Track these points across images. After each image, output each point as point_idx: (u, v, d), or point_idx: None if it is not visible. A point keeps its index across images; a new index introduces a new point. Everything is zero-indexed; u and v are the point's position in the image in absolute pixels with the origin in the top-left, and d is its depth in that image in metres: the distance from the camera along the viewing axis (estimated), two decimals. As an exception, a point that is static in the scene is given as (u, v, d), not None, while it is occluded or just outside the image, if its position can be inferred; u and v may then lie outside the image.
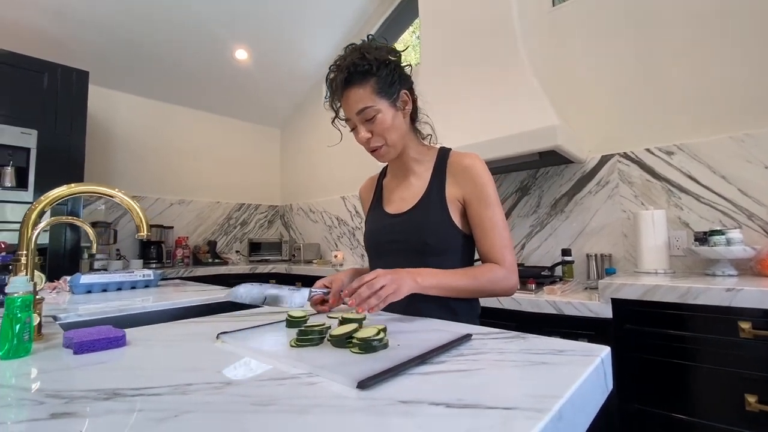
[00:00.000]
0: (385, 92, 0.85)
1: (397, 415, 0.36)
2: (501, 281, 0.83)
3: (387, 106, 0.85)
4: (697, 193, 1.64)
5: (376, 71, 0.83)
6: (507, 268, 0.84)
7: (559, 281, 1.81)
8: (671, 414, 1.22)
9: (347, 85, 0.84)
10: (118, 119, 3.06)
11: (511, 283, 0.84)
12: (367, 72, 0.83)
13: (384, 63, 0.85)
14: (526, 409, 0.36)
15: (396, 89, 0.87)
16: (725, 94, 1.60)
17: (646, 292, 1.28)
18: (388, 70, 0.85)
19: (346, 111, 0.87)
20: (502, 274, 0.83)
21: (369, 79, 0.83)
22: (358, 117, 0.85)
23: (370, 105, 0.83)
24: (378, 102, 0.84)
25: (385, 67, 0.85)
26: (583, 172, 1.96)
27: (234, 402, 0.40)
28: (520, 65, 1.89)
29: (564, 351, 0.54)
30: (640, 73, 1.81)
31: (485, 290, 0.83)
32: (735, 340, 1.12)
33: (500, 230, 0.86)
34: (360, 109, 0.84)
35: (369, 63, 0.83)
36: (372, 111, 0.84)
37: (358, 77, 0.83)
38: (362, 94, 0.83)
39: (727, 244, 1.42)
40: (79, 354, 0.59)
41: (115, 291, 1.42)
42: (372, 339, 0.52)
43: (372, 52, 0.84)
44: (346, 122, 0.90)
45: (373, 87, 0.83)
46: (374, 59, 0.83)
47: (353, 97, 0.84)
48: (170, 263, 3.06)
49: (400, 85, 0.88)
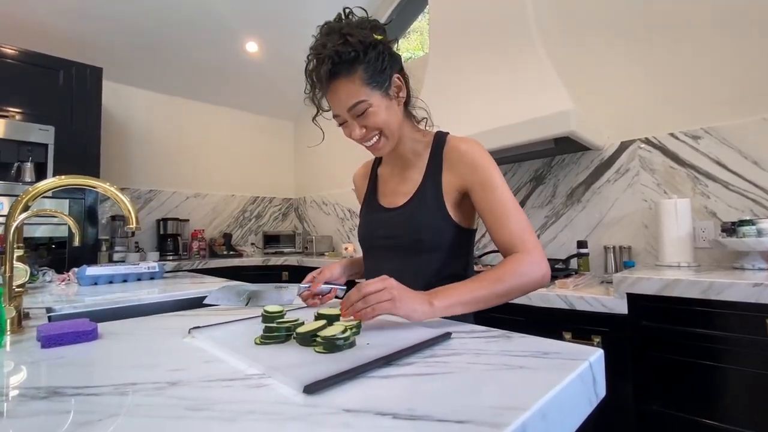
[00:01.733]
0: (376, 81, 0.75)
1: (334, 427, 0.32)
2: (530, 272, 0.71)
3: (379, 96, 0.76)
4: (726, 180, 1.52)
5: (363, 57, 0.72)
6: (532, 255, 0.72)
7: (573, 274, 1.72)
8: (694, 417, 1.13)
9: (332, 78, 0.73)
10: (133, 115, 3.12)
11: (542, 270, 0.72)
12: (353, 60, 0.72)
13: (371, 45, 0.73)
14: (481, 423, 0.31)
15: (387, 75, 0.77)
16: (759, 71, 1.45)
17: (665, 287, 1.19)
18: (377, 53, 0.74)
19: (335, 107, 0.77)
20: (528, 264, 0.72)
21: (356, 68, 0.72)
22: (350, 113, 0.76)
23: (363, 99, 0.74)
24: (370, 94, 0.74)
25: (372, 50, 0.73)
26: (601, 159, 1.85)
27: (167, 406, 0.37)
28: (533, 47, 1.79)
29: (549, 353, 0.49)
30: (664, 51, 1.67)
31: (515, 289, 0.71)
32: (763, 340, 1.02)
33: (514, 213, 0.76)
34: (351, 105, 0.74)
35: (354, 48, 0.71)
36: (364, 105, 0.74)
37: (343, 67, 0.72)
38: (351, 87, 0.73)
39: (757, 235, 1.30)
40: (47, 348, 0.58)
41: (121, 282, 1.44)
42: (336, 338, 0.49)
43: (355, 33, 0.72)
44: (334, 117, 0.80)
45: (362, 77, 0.73)
46: (359, 42, 0.72)
47: (342, 91, 0.74)
48: (186, 255, 3.12)
49: (391, 69, 0.78)
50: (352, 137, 0.80)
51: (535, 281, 0.71)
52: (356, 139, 0.80)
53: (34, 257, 2.14)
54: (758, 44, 1.45)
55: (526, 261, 0.72)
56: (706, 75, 1.57)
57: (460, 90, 2.02)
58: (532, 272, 0.71)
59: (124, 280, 1.46)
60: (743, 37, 1.48)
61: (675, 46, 1.64)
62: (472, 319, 0.84)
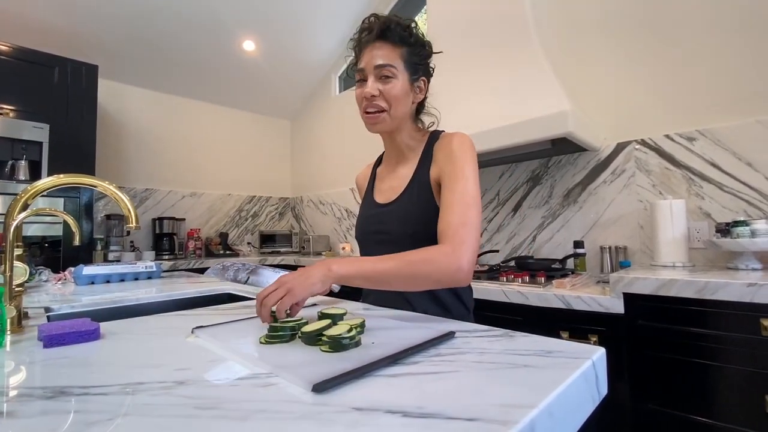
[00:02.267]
0: (411, 67, 0.83)
1: (345, 425, 0.32)
2: (441, 262, 0.67)
3: (407, 78, 0.82)
4: (720, 182, 1.54)
5: (413, 43, 0.82)
6: (453, 247, 0.68)
7: (570, 274, 1.73)
8: (688, 415, 1.15)
9: (382, 36, 0.81)
10: (129, 113, 3.10)
11: (456, 264, 0.67)
12: (404, 38, 0.81)
13: (421, 44, 0.84)
14: (491, 420, 0.32)
15: (420, 73, 0.85)
16: (752, 74, 1.48)
17: (661, 287, 1.20)
18: (421, 54, 0.85)
19: (367, 59, 0.81)
20: (443, 255, 0.68)
21: (403, 45, 0.81)
22: (376, 71, 0.80)
23: (395, 66, 0.80)
24: (402, 69, 0.81)
25: (421, 47, 0.84)
26: (598, 160, 1.87)
27: (177, 405, 0.37)
28: (531, 48, 1.80)
29: (552, 352, 0.49)
30: (660, 54, 1.69)
31: (422, 275, 0.67)
32: (757, 339, 1.04)
33: (459, 206, 0.73)
34: (383, 64, 0.80)
35: (410, 33, 0.82)
36: (393, 71, 0.80)
37: (395, 36, 0.80)
38: (392, 52, 0.81)
39: (751, 235, 1.32)
40: (49, 348, 0.57)
41: (118, 282, 1.43)
42: (342, 337, 0.49)
43: (415, 30, 0.83)
44: (357, 72, 0.84)
45: (403, 54, 0.81)
46: (417, 33, 0.83)
47: (384, 49, 0.80)
48: (182, 255, 3.10)
49: (424, 73, 0.87)
50: (364, 92, 0.82)
51: (445, 272, 0.67)
52: (366, 97, 0.82)
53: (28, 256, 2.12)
54: (752, 48, 1.47)
55: (442, 251, 0.69)
56: (701, 77, 1.59)
57: (457, 90, 2.03)
58: (444, 263, 0.67)
59: (122, 280, 1.45)
60: (738, 41, 1.50)
61: (671, 49, 1.66)
62: (472, 318, 0.85)
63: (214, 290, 1.23)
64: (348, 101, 3.36)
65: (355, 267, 0.67)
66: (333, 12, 3.01)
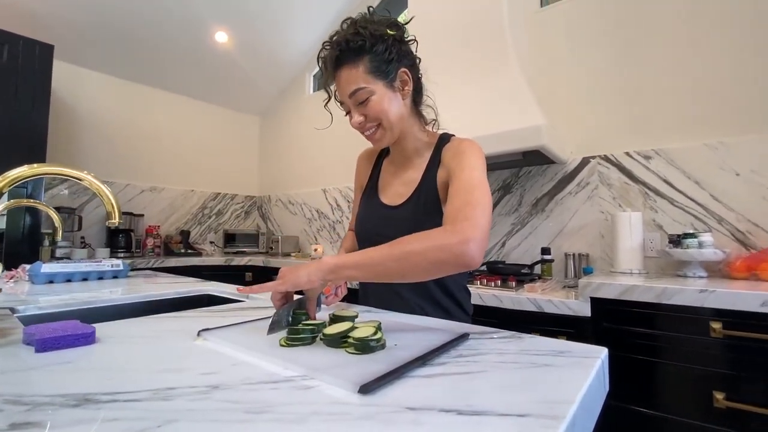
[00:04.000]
0: (381, 71, 0.77)
1: (406, 424, 0.33)
2: (435, 236, 0.61)
3: (382, 87, 0.78)
4: (672, 197, 1.70)
5: (370, 48, 0.75)
6: (453, 224, 0.63)
7: (538, 279, 1.83)
8: (644, 410, 1.26)
9: (338, 65, 0.77)
10: (86, 98, 2.87)
11: (454, 237, 0.60)
12: (360, 49, 0.75)
13: (380, 38, 0.76)
14: (540, 416, 0.34)
15: (394, 68, 0.79)
16: (702, 102, 1.65)
17: (624, 292, 1.31)
18: (385, 46, 0.77)
19: (339, 93, 0.80)
20: (439, 230, 0.63)
21: (362, 57, 0.75)
22: (351, 100, 0.78)
23: (363, 86, 0.76)
24: (372, 83, 0.76)
25: (381, 43, 0.76)
26: (565, 172, 2.00)
27: (223, 409, 0.36)
28: (509, 64, 1.89)
29: (564, 352, 0.53)
30: (622, 77, 1.85)
31: (415, 251, 0.60)
32: (706, 340, 1.16)
33: (466, 189, 0.70)
34: (352, 91, 0.76)
35: (363, 38, 0.74)
36: (364, 93, 0.76)
37: (350, 55, 0.75)
38: (354, 74, 0.76)
39: (699, 246, 1.47)
40: (42, 352, 0.53)
41: (81, 281, 1.33)
42: (369, 339, 0.50)
43: (368, 27, 0.76)
44: (341, 105, 0.83)
45: (366, 66, 0.75)
46: (369, 34, 0.75)
47: (345, 77, 0.77)
48: (140, 253, 2.91)
49: (399, 63, 0.80)
50: (352, 125, 0.82)
51: (444, 248, 0.59)
52: (355, 127, 0.82)
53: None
54: (704, 79, 1.65)
55: (442, 228, 0.63)
56: (659, 102, 1.75)
57: (436, 100, 2.08)
58: (442, 237, 0.60)
59: (85, 279, 1.35)
60: (693, 72, 1.68)
61: (633, 75, 1.82)
62: (468, 320, 0.88)
63: (194, 291, 1.18)
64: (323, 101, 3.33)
65: (346, 256, 0.64)
66: (311, 10, 2.98)
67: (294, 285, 0.63)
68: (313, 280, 0.62)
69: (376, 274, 0.62)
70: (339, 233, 3.11)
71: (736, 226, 1.56)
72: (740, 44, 1.58)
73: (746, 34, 1.57)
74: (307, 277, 0.62)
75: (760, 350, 1.09)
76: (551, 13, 2.09)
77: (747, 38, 1.57)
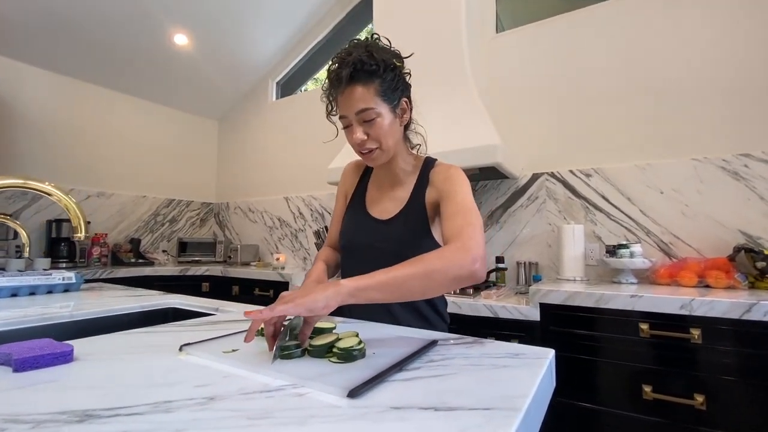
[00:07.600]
0: (388, 97, 0.84)
1: (394, 421, 0.39)
2: (451, 256, 0.67)
3: (387, 111, 0.84)
4: (608, 212, 1.90)
5: (382, 73, 0.82)
6: (462, 242, 0.69)
7: (493, 286, 1.96)
8: (584, 404, 1.40)
9: (351, 82, 0.81)
10: (24, 96, 2.67)
11: (467, 255, 0.67)
12: (373, 72, 0.81)
13: (390, 67, 0.84)
14: (503, 408, 0.42)
15: (398, 96, 0.86)
16: (632, 128, 1.87)
17: (568, 298, 1.45)
18: (393, 75, 0.84)
19: (345, 108, 0.83)
20: (454, 250, 0.68)
21: (374, 80, 0.81)
22: (357, 117, 0.83)
23: (372, 107, 0.81)
24: (380, 105, 0.82)
25: (391, 71, 0.84)
26: (517, 187, 2.16)
27: (227, 417, 0.40)
28: (467, 86, 2.02)
29: (518, 354, 0.62)
30: (568, 101, 2.05)
31: (437, 270, 0.65)
32: (636, 339, 1.33)
33: (463, 212, 0.77)
34: (361, 109, 0.81)
35: (377, 63, 0.81)
36: (373, 113, 0.82)
37: (363, 75, 0.80)
38: (366, 94, 0.81)
39: (630, 256, 1.66)
40: (21, 372, 0.53)
41: (28, 296, 1.25)
42: (353, 349, 0.55)
43: (379, 53, 0.82)
44: (340, 119, 0.86)
45: (377, 89, 0.81)
46: (381, 60, 0.82)
47: (356, 95, 0.81)
48: (84, 263, 2.73)
49: (402, 93, 0.88)
50: (353, 140, 0.85)
51: (461, 265, 0.67)
52: (356, 143, 0.86)
53: None
54: (636, 109, 1.87)
55: (452, 248, 0.69)
56: (599, 126, 1.96)
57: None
58: (458, 257, 0.67)
59: (32, 293, 1.27)
60: (627, 102, 1.90)
61: (578, 100, 2.02)
62: (447, 329, 0.95)
63: (159, 304, 1.15)
64: (286, 109, 3.33)
65: (369, 277, 0.63)
66: (276, 16, 2.98)
67: (309, 310, 0.58)
68: (331, 305, 0.59)
69: (401, 294, 0.64)
70: (301, 242, 3.11)
71: (661, 237, 1.78)
72: (663, 83, 1.82)
73: (670, 77, 1.81)
74: (325, 302, 0.58)
75: (680, 347, 1.26)
76: (505, 39, 2.27)
77: (670, 80, 1.81)
